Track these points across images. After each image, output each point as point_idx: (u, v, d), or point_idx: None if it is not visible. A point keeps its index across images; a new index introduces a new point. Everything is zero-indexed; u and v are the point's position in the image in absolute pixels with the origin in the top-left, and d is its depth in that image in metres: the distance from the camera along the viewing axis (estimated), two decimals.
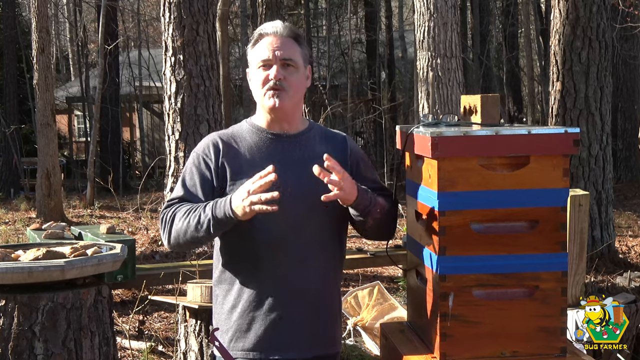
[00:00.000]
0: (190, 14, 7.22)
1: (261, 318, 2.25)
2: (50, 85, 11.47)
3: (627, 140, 15.56)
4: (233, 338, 2.28)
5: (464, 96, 2.38)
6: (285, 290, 2.24)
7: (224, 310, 2.32)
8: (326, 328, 2.33)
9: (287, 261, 2.23)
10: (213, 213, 2.14)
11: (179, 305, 4.18)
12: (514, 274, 2.06)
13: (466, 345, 2.06)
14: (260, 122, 2.34)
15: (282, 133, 2.32)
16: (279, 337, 2.25)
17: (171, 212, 2.26)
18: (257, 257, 2.24)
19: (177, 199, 2.29)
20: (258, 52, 2.28)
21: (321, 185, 2.19)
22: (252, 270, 2.25)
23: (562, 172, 2.06)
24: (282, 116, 2.29)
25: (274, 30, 2.29)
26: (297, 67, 2.28)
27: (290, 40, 2.29)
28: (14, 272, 2.88)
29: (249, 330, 2.26)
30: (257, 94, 2.30)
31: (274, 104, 2.24)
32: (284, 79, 2.24)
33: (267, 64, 2.26)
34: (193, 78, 7.27)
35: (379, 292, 5.31)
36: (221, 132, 2.38)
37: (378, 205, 2.25)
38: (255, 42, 2.31)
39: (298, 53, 2.29)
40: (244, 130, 2.35)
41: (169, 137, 7.40)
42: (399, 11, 21.31)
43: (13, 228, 11.10)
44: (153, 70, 20.18)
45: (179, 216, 2.22)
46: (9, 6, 18.09)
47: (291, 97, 2.26)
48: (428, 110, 8.26)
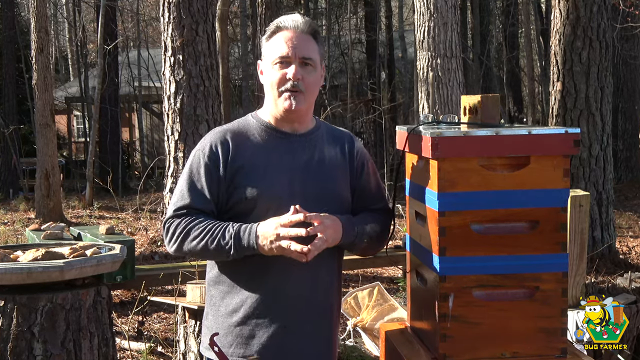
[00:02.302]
0: (189, 14, 7.22)
1: (265, 326, 2.19)
2: (49, 86, 11.46)
3: (627, 140, 15.56)
4: (234, 344, 2.21)
5: (464, 96, 2.37)
6: (293, 297, 2.19)
7: (221, 312, 2.25)
8: (328, 334, 2.30)
9: (295, 266, 2.15)
10: (236, 244, 2.08)
11: (179, 306, 4.18)
12: (514, 274, 2.06)
13: (466, 346, 2.06)
14: (268, 117, 2.26)
15: (292, 132, 2.25)
16: (284, 346, 2.20)
17: (182, 225, 2.15)
18: (264, 262, 2.16)
19: (184, 208, 2.17)
20: (276, 46, 2.18)
21: (331, 187, 2.20)
22: (257, 275, 2.19)
23: (563, 172, 2.05)
24: (295, 118, 2.23)
25: (295, 24, 2.19)
26: (315, 66, 2.20)
27: (309, 37, 2.20)
28: (13, 272, 2.87)
29: (253, 337, 2.19)
30: (270, 91, 2.21)
31: (290, 106, 2.17)
32: (302, 79, 2.16)
33: (285, 60, 2.16)
34: (192, 78, 7.27)
35: (379, 293, 5.31)
36: (227, 127, 2.26)
37: (365, 236, 2.23)
38: (272, 34, 2.21)
39: (316, 51, 2.21)
40: (251, 126, 2.25)
41: (168, 138, 7.40)
42: (399, 11, 21.31)
43: (12, 228, 11.09)
44: (152, 70, 20.19)
45: (194, 235, 2.13)
46: (8, 6, 18.09)
47: (307, 99, 2.20)
48: (428, 111, 8.26)
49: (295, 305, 2.20)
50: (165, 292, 6.52)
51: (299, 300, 2.20)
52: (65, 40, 28.03)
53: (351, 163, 2.30)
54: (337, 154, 2.28)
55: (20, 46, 19.07)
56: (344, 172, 2.29)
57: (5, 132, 16.59)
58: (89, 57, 23.07)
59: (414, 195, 2.28)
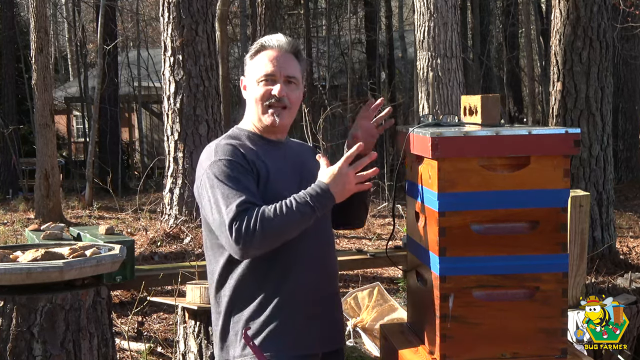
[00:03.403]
0: (189, 14, 7.22)
1: (297, 317, 2.20)
2: (48, 86, 11.44)
3: (628, 140, 15.55)
4: (267, 337, 2.18)
5: (464, 96, 2.37)
6: (316, 290, 2.25)
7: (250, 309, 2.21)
8: (340, 318, 2.40)
9: (314, 260, 2.25)
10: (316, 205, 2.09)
11: (178, 307, 4.17)
12: (514, 275, 2.06)
13: (466, 347, 2.06)
14: (252, 129, 2.34)
15: (276, 140, 2.35)
16: (314, 334, 2.24)
17: (254, 217, 2.05)
18: (285, 263, 2.20)
19: (244, 204, 2.08)
20: (260, 65, 2.28)
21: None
22: (280, 275, 2.20)
23: (563, 172, 2.05)
24: (278, 130, 2.33)
25: (279, 44, 2.29)
26: (297, 84, 2.31)
27: (292, 56, 2.31)
28: (12, 273, 2.87)
29: (284, 332, 2.19)
30: (254, 106, 2.30)
31: (274, 121, 2.27)
32: (286, 96, 2.26)
33: (270, 79, 2.26)
34: (192, 78, 7.27)
35: (379, 293, 5.30)
36: (226, 141, 2.27)
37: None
38: (257, 53, 2.31)
39: (298, 69, 2.32)
40: (244, 137, 2.31)
41: (168, 138, 7.40)
42: (399, 11, 21.30)
43: (11, 229, 11.08)
44: (152, 70, 20.18)
45: (271, 216, 2.06)
46: (8, 6, 18.08)
47: (291, 114, 2.31)
48: (428, 111, 8.26)
49: (310, 294, 2.24)
50: (165, 293, 6.52)
51: (315, 290, 2.25)
52: (65, 40, 28.01)
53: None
54: (311, 156, 2.37)
55: (20, 46, 19.06)
56: None
57: (5, 132, 16.58)
58: (89, 57, 23.05)
59: (414, 195, 2.28)
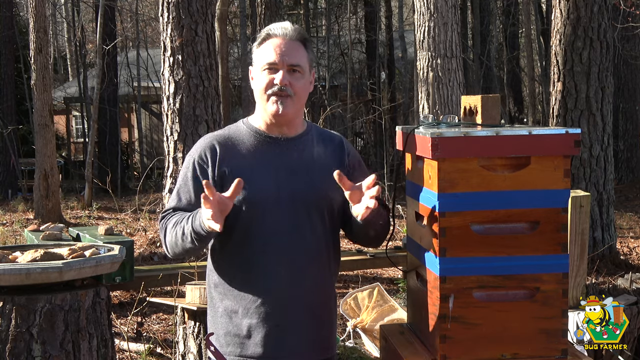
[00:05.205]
0: (188, 14, 7.21)
1: (260, 325, 2.21)
2: (48, 86, 11.45)
3: (628, 141, 15.55)
4: (231, 343, 2.25)
5: (465, 97, 2.36)
6: (282, 297, 2.21)
7: (218, 313, 2.29)
8: (323, 333, 2.31)
9: (284, 267, 2.20)
10: (192, 226, 2.13)
11: (178, 307, 4.17)
12: (514, 275, 2.05)
13: (466, 347, 2.05)
14: (258, 123, 2.31)
15: (280, 136, 2.28)
16: (278, 345, 2.22)
17: (164, 224, 2.27)
18: (253, 263, 2.21)
19: (171, 210, 2.29)
20: (265, 53, 2.24)
21: (321, 189, 2.21)
22: (248, 276, 2.22)
23: (563, 172, 2.05)
24: (284, 122, 2.27)
25: (283, 32, 2.24)
26: (303, 72, 2.24)
27: (298, 44, 2.25)
28: (11, 273, 2.86)
29: (248, 337, 2.23)
30: (259, 96, 2.26)
31: (277, 110, 2.21)
32: (289, 85, 2.20)
33: (273, 67, 2.22)
34: (192, 78, 7.25)
35: (379, 294, 5.30)
36: (217, 133, 2.34)
37: (381, 217, 2.22)
38: (262, 41, 2.26)
39: (305, 58, 2.26)
40: (241, 131, 2.31)
41: (167, 138, 7.39)
42: (399, 11, 21.28)
43: (10, 229, 11.08)
44: (151, 70, 20.19)
45: (169, 228, 2.23)
46: (7, 6, 18.05)
47: (295, 103, 2.23)
48: (428, 111, 8.25)
49: (289, 303, 2.22)
50: (164, 293, 6.52)
51: (293, 298, 2.22)
52: (64, 41, 28.00)
53: (342, 164, 2.30)
54: (328, 155, 2.31)
55: (19, 46, 19.06)
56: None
57: (4, 133, 16.57)
58: (88, 57, 23.05)
59: (414, 195, 2.27)
